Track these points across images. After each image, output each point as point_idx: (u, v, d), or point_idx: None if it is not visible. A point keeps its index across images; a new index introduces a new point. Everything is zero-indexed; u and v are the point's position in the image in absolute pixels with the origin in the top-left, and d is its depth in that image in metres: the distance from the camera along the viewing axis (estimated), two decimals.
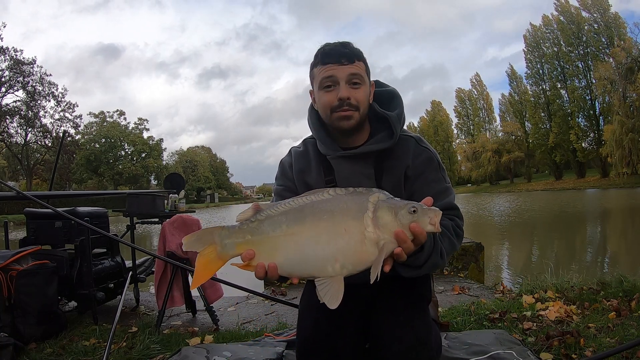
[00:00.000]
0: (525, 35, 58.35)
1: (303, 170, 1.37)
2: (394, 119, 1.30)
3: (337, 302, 0.94)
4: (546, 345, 1.97)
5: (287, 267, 0.98)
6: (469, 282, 3.74)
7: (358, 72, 1.25)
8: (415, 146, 1.32)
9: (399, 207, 0.97)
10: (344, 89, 1.24)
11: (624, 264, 6.26)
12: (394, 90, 1.40)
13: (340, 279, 0.96)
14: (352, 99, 1.24)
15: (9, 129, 36.83)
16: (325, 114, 1.29)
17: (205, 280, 1.05)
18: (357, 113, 1.26)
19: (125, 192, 3.65)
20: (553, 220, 14.74)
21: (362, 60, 1.28)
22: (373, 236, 0.95)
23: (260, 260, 0.98)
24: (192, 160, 71.14)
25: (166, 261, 2.65)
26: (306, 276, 1.00)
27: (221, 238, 1.00)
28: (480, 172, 64.57)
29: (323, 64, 1.26)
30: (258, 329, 2.63)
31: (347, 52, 1.25)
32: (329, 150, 1.32)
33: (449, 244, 1.21)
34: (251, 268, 0.98)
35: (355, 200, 0.98)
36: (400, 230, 0.95)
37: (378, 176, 1.30)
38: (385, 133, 1.31)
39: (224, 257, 1.00)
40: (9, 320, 2.32)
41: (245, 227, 1.00)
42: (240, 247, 0.99)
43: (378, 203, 0.97)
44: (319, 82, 1.27)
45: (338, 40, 1.32)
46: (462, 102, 71.35)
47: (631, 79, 40.64)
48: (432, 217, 0.96)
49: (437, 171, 1.31)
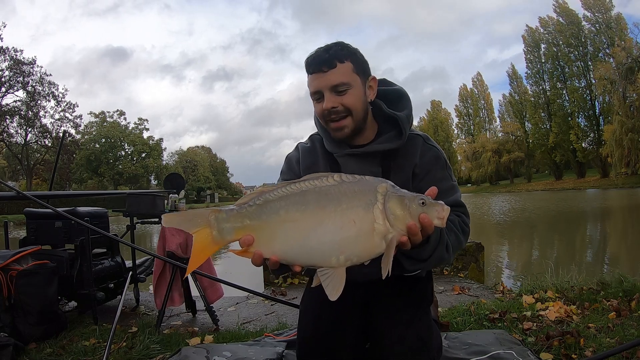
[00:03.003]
0: (524, 36, 58.50)
1: (310, 166, 1.37)
2: (404, 119, 1.30)
3: (337, 293, 0.92)
4: (546, 345, 1.97)
5: (288, 255, 0.94)
6: (469, 282, 3.74)
7: (340, 80, 1.22)
8: (423, 144, 1.33)
9: (409, 199, 0.94)
10: (327, 99, 1.23)
11: (624, 264, 6.26)
12: (402, 90, 1.39)
13: (342, 270, 0.93)
14: (339, 106, 1.23)
15: (9, 129, 36.91)
16: (323, 123, 1.31)
17: (199, 265, 0.99)
18: (350, 118, 1.25)
19: (125, 192, 3.64)
20: (553, 220, 14.74)
21: (349, 59, 1.24)
22: (382, 229, 0.92)
23: (260, 247, 0.93)
24: (192, 160, 71.09)
25: (166, 261, 2.65)
26: (307, 264, 0.96)
27: (218, 222, 0.94)
28: (480, 172, 64.58)
29: (308, 73, 1.27)
30: (258, 329, 2.63)
31: (327, 58, 1.22)
32: (336, 149, 1.33)
33: (455, 239, 1.21)
34: (249, 254, 0.94)
35: (362, 190, 0.94)
36: (413, 223, 0.93)
37: (385, 174, 1.29)
38: (393, 133, 1.31)
39: (220, 241, 0.95)
40: (9, 320, 2.32)
41: (244, 211, 0.94)
42: (239, 232, 0.94)
43: (387, 194, 0.94)
44: (310, 94, 1.29)
45: (324, 46, 1.28)
46: (464, 100, 71.35)
47: (631, 79, 40.65)
48: (440, 210, 0.95)
49: (443, 169, 1.32)
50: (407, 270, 1.17)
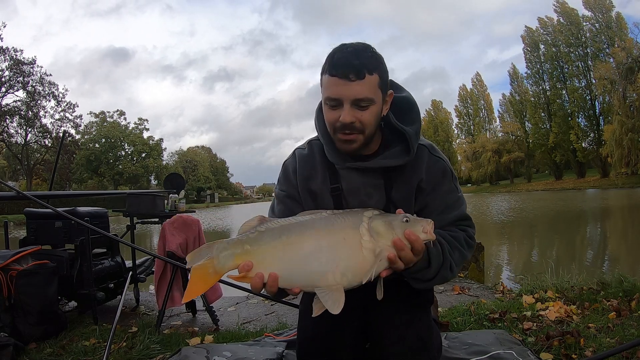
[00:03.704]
0: (523, 36, 58.47)
1: (307, 177, 1.30)
2: (413, 136, 1.21)
3: (339, 307, 0.97)
4: (546, 345, 1.97)
5: (287, 277, 0.99)
6: (469, 282, 3.74)
7: (366, 95, 1.11)
8: (429, 157, 1.26)
9: (392, 218, 1.03)
10: (347, 112, 1.12)
11: (624, 264, 6.26)
12: (412, 99, 1.29)
13: (340, 288, 0.99)
14: (357, 122, 1.13)
15: (9, 129, 36.90)
16: (329, 130, 1.21)
17: (197, 295, 1.06)
18: (362, 135, 1.16)
19: (125, 192, 3.65)
20: (553, 220, 14.74)
21: (376, 72, 1.12)
22: (369, 245, 1.00)
23: (259, 271, 0.98)
24: (192, 160, 71.12)
25: (166, 261, 2.65)
26: (307, 285, 1.01)
27: (219, 251, 1.01)
28: (480, 172, 64.53)
29: (330, 74, 1.12)
30: (258, 329, 2.63)
31: (357, 65, 1.09)
32: (337, 160, 1.24)
33: (459, 256, 1.21)
34: (247, 280, 0.99)
35: (351, 216, 1.05)
36: (398, 238, 1.00)
37: (388, 187, 1.24)
38: (399, 148, 1.22)
39: (220, 270, 1.01)
40: (9, 320, 2.32)
41: (245, 238, 1.02)
42: (239, 258, 1.00)
43: (372, 217, 1.04)
44: (325, 97, 1.16)
45: (358, 42, 1.17)
46: (463, 100, 71.34)
47: (631, 79, 40.61)
48: (425, 225, 1.02)
49: (450, 182, 1.28)
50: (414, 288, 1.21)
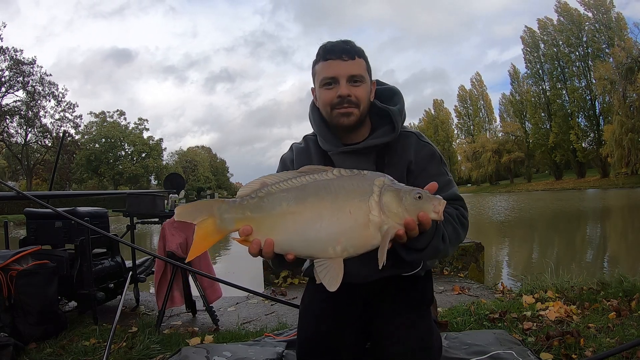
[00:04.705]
0: (522, 37, 58.51)
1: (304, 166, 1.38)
2: (396, 113, 1.32)
3: (336, 284, 0.93)
4: (546, 345, 1.97)
5: (286, 245, 0.96)
6: (469, 282, 3.74)
7: (358, 72, 1.27)
8: (417, 142, 1.34)
9: (405, 192, 0.95)
10: (344, 86, 1.26)
11: (624, 264, 6.25)
12: (395, 88, 1.41)
13: (340, 261, 0.94)
14: (352, 96, 1.26)
15: (9, 129, 36.89)
16: (326, 111, 1.31)
17: (202, 252, 1.03)
18: (357, 110, 1.28)
19: (125, 192, 3.64)
20: (553, 220, 14.74)
21: (363, 58, 1.30)
22: (377, 220, 0.94)
23: (258, 236, 0.97)
24: (192, 160, 71.09)
25: (166, 261, 2.65)
26: (305, 255, 0.98)
27: (220, 212, 0.99)
28: (480, 172, 64.58)
29: (324, 59, 1.28)
30: (258, 329, 2.63)
31: (349, 49, 1.27)
32: (330, 146, 1.34)
33: (452, 231, 1.20)
34: (248, 243, 0.98)
35: (360, 183, 0.96)
36: (411, 219, 0.94)
37: (379, 171, 1.29)
38: (386, 128, 1.32)
39: (222, 231, 1.00)
40: (9, 320, 2.32)
41: (245, 202, 0.99)
42: (240, 222, 0.98)
43: (384, 187, 0.96)
44: (320, 80, 1.29)
45: (341, 39, 1.32)
46: (463, 100, 71.36)
47: (631, 79, 40.63)
48: (436, 204, 0.96)
49: (439, 165, 1.33)
50: (404, 260, 1.16)
